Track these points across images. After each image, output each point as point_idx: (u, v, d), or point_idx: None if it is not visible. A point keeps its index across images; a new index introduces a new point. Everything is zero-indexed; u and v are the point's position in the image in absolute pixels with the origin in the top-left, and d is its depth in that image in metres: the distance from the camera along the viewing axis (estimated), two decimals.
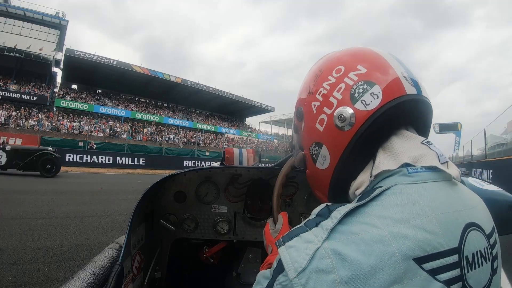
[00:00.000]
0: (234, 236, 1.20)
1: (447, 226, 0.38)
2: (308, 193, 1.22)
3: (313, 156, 0.52)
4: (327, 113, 0.48)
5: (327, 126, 0.48)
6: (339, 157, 0.47)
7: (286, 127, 42.59)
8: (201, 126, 32.24)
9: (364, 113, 0.44)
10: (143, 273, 1.00)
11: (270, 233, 0.72)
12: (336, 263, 0.34)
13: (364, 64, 0.47)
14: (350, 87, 0.46)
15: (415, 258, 0.35)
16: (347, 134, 0.45)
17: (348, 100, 0.46)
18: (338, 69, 0.49)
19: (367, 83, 0.45)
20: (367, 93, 0.45)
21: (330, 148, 0.48)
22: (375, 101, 0.44)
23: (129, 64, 26.84)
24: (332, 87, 0.48)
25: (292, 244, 0.39)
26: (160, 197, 1.15)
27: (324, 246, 0.36)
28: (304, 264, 0.36)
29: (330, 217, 0.39)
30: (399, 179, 0.42)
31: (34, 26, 23.39)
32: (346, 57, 0.50)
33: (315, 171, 0.53)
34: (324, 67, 0.52)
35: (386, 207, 0.38)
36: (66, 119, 22.51)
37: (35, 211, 4.50)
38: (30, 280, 2.25)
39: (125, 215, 4.54)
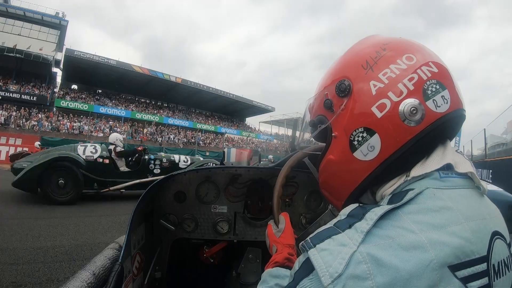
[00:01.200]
0: (234, 236, 1.20)
1: (478, 234, 0.37)
2: (308, 193, 1.22)
3: (354, 142, 0.45)
4: (393, 100, 0.42)
5: (389, 114, 0.42)
6: (393, 152, 0.42)
7: (286, 127, 42.55)
8: (201, 126, 32.23)
9: (434, 113, 0.42)
10: (143, 273, 1.00)
11: (274, 233, 0.73)
12: (373, 269, 0.33)
13: (435, 64, 0.44)
14: (423, 81, 0.42)
15: (450, 265, 0.34)
16: (411, 130, 0.41)
17: (420, 94, 0.42)
18: (409, 57, 0.44)
19: (440, 84, 0.43)
20: (439, 94, 0.42)
21: (384, 139, 0.43)
22: (445, 106, 0.42)
23: (129, 64, 26.84)
24: (403, 73, 0.43)
25: (324, 247, 0.36)
26: (160, 197, 1.15)
27: (360, 250, 0.34)
28: (340, 269, 0.33)
29: (365, 219, 0.37)
30: (431, 182, 0.41)
31: (34, 26, 23.37)
32: (415, 48, 0.46)
33: (348, 159, 0.46)
34: (389, 47, 0.46)
35: (421, 212, 0.37)
36: (66, 119, 22.51)
37: (35, 211, 4.50)
38: (30, 280, 2.25)
39: (125, 215, 4.53)
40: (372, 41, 0.50)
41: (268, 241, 0.73)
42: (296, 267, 0.40)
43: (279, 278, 0.56)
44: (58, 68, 26.43)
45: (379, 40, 0.49)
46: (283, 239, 0.70)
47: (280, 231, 0.72)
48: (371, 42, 0.50)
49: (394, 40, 0.48)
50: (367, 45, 0.49)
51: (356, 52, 0.50)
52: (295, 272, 0.39)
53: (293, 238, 0.72)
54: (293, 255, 0.66)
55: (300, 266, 0.39)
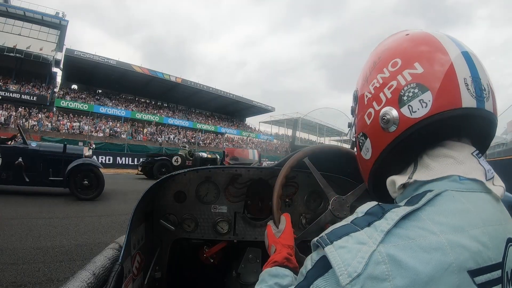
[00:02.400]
0: (234, 236, 1.20)
1: (494, 240, 0.36)
2: (308, 193, 1.22)
3: (360, 144, 0.53)
4: (375, 109, 0.46)
5: (373, 122, 0.47)
6: (379, 154, 0.47)
7: (286, 127, 42.55)
8: (201, 126, 32.22)
9: (407, 120, 0.42)
10: (143, 273, 1.00)
11: (273, 233, 0.72)
12: (392, 270, 0.32)
13: (423, 63, 0.42)
14: (401, 87, 0.43)
15: (469, 270, 0.33)
16: (389, 136, 0.44)
17: (395, 101, 0.43)
18: (395, 62, 0.45)
19: (420, 86, 0.41)
20: (416, 98, 0.41)
21: (372, 143, 0.48)
22: (422, 110, 0.41)
23: (129, 64, 26.84)
24: (385, 82, 0.45)
25: (342, 244, 0.35)
26: (160, 197, 1.15)
27: (379, 250, 0.33)
28: (359, 269, 0.32)
29: (385, 218, 0.36)
30: (450, 184, 0.40)
31: (34, 26, 23.37)
32: (406, 48, 0.46)
33: (360, 157, 0.55)
34: (384, 55, 0.48)
35: (442, 213, 0.36)
36: (66, 119, 22.51)
37: (35, 211, 4.50)
38: (30, 280, 2.25)
39: (125, 215, 4.53)
40: (381, 47, 0.52)
41: (267, 241, 0.73)
42: (308, 266, 0.38)
43: (279, 277, 0.56)
44: (58, 68, 26.46)
45: (382, 46, 0.51)
46: (282, 239, 0.70)
47: (280, 231, 0.72)
48: (379, 49, 0.52)
49: (394, 43, 0.49)
50: (375, 53, 0.52)
51: (367, 61, 0.54)
52: (307, 271, 0.38)
53: (292, 239, 0.71)
54: (292, 255, 0.66)
55: (314, 265, 0.37)
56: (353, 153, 0.97)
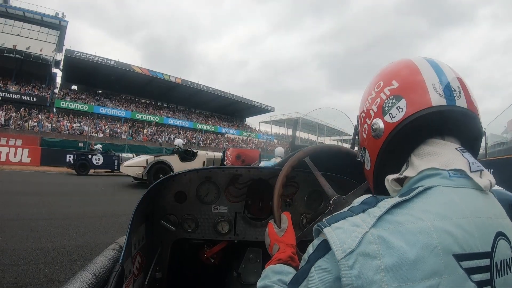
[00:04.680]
0: (234, 236, 1.20)
1: (482, 230, 0.39)
2: (308, 193, 1.22)
3: (362, 158, 0.60)
4: (368, 123, 0.55)
5: (367, 134, 0.55)
6: (375, 160, 0.54)
7: (286, 127, 42.52)
8: (201, 126, 32.20)
9: (389, 124, 0.50)
10: (143, 273, 1.00)
11: (275, 232, 0.73)
12: (382, 249, 0.36)
13: (398, 79, 0.52)
14: (383, 101, 0.52)
15: (455, 254, 0.36)
16: (379, 142, 0.52)
17: (380, 113, 0.52)
18: (379, 84, 0.55)
19: (396, 97, 0.50)
20: (394, 107, 0.50)
21: (369, 152, 0.56)
22: (399, 114, 0.49)
23: (129, 64, 26.82)
24: (372, 100, 0.55)
25: (339, 226, 0.40)
26: (160, 197, 1.14)
27: (371, 232, 0.37)
28: (353, 246, 0.37)
29: (378, 206, 0.41)
30: (441, 181, 0.44)
31: (33, 26, 23.35)
32: (387, 72, 0.55)
33: (365, 171, 0.61)
34: (372, 82, 0.58)
35: (429, 203, 0.41)
36: (66, 120, 22.51)
37: (36, 212, 4.50)
38: (31, 281, 2.25)
39: (126, 216, 4.53)
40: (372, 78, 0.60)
41: (269, 240, 0.73)
42: (310, 250, 0.43)
43: (282, 274, 0.58)
44: (58, 68, 26.43)
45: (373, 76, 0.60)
46: (285, 238, 0.71)
47: (283, 230, 0.73)
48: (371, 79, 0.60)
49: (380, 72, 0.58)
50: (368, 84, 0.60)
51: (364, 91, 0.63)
52: (309, 255, 0.42)
53: (294, 238, 0.72)
54: (295, 254, 0.67)
55: (315, 249, 0.42)
56: (354, 153, 0.98)
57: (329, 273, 0.38)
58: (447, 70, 0.50)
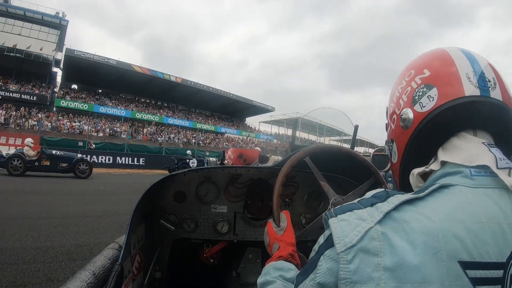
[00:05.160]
0: (234, 236, 1.20)
1: (499, 238, 0.36)
2: (308, 192, 1.22)
3: (389, 151, 0.57)
4: (396, 113, 0.52)
5: (396, 125, 0.53)
6: (402, 152, 0.51)
7: (286, 127, 42.53)
8: (201, 126, 32.19)
9: (419, 114, 0.47)
10: (143, 273, 1.00)
11: (275, 231, 0.73)
12: (384, 247, 0.35)
13: (430, 68, 0.49)
14: (413, 90, 0.49)
15: (461, 261, 0.34)
16: (407, 133, 0.49)
17: (410, 102, 0.49)
18: (410, 73, 0.52)
19: (427, 86, 0.47)
20: (425, 95, 0.47)
21: (397, 144, 0.53)
22: (430, 103, 0.46)
23: (129, 64, 26.82)
24: (402, 90, 0.52)
25: (344, 218, 0.39)
26: (160, 197, 1.14)
27: (376, 228, 0.36)
28: (354, 240, 0.36)
29: (387, 201, 0.39)
30: (461, 180, 0.41)
31: (34, 26, 23.34)
32: (418, 61, 0.53)
33: (391, 164, 0.58)
34: (403, 71, 0.56)
35: (442, 203, 0.38)
36: (66, 119, 22.50)
37: (35, 211, 4.50)
38: (30, 280, 2.25)
39: (125, 215, 4.53)
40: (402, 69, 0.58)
41: (268, 239, 0.73)
42: (321, 241, 0.42)
43: (283, 270, 0.58)
44: (58, 68, 26.43)
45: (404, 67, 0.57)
46: (285, 237, 0.71)
47: (282, 229, 0.73)
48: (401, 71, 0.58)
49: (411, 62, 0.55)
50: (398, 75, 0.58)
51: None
52: (319, 245, 0.41)
53: (294, 237, 0.72)
54: (295, 253, 0.68)
55: (325, 239, 0.41)
56: (354, 153, 0.98)
57: (337, 262, 0.37)
58: (481, 60, 0.47)
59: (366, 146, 47.23)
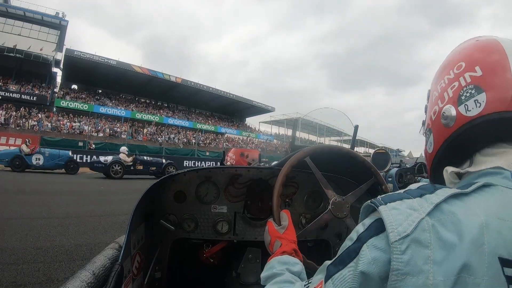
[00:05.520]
0: (234, 236, 1.20)
1: None
2: (308, 193, 1.22)
3: (426, 138, 0.56)
4: (439, 106, 0.50)
5: (436, 118, 0.51)
6: (438, 147, 0.51)
7: (286, 127, 42.52)
8: (201, 126, 32.20)
9: (462, 117, 0.45)
10: (143, 273, 1.00)
11: (276, 229, 0.74)
12: (434, 240, 0.34)
13: (483, 66, 0.45)
14: (461, 87, 0.47)
15: (501, 257, 0.34)
16: (447, 132, 0.48)
17: (455, 100, 0.47)
18: (460, 65, 0.49)
19: (476, 88, 0.45)
20: (472, 99, 0.45)
21: (435, 137, 0.52)
22: (475, 110, 0.44)
23: (129, 64, 26.83)
24: (449, 82, 0.49)
25: (396, 206, 0.38)
26: (160, 197, 1.14)
27: (426, 219, 0.35)
28: (409, 230, 0.35)
29: (435, 193, 0.39)
30: (502, 181, 0.41)
31: (34, 26, 23.36)
32: (471, 53, 0.49)
33: (425, 151, 0.57)
34: (453, 58, 0.52)
35: (488, 200, 0.38)
36: (66, 119, 22.51)
37: (35, 211, 4.50)
38: (30, 280, 2.25)
39: (125, 215, 4.53)
40: (451, 52, 0.55)
41: (269, 238, 0.73)
42: (360, 230, 0.40)
43: (289, 264, 0.59)
44: (58, 68, 26.46)
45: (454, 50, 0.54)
46: (287, 235, 0.71)
47: (284, 227, 0.73)
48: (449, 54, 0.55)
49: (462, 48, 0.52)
50: (447, 58, 0.55)
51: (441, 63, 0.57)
52: (359, 234, 0.40)
53: (295, 235, 0.73)
54: (298, 250, 0.68)
55: (367, 228, 0.39)
56: (354, 154, 0.98)
57: (384, 252, 0.36)
58: None
59: (366, 146, 47.23)
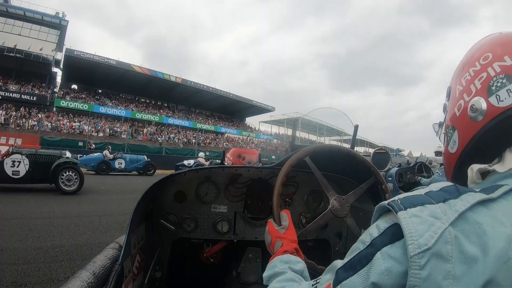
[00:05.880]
0: (234, 235, 1.20)
1: None
2: (308, 192, 1.22)
3: (447, 138, 0.52)
4: (465, 100, 0.47)
5: (462, 113, 0.47)
6: (466, 144, 0.46)
7: (286, 127, 42.52)
8: (201, 126, 32.19)
9: (494, 108, 0.42)
10: (143, 272, 1.00)
11: (277, 229, 0.73)
12: (455, 253, 0.31)
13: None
14: (490, 78, 0.44)
15: None
16: (476, 126, 0.44)
17: (485, 91, 0.44)
18: (486, 56, 0.46)
19: (508, 77, 0.42)
20: (504, 88, 0.41)
21: (460, 134, 0.48)
22: (509, 99, 0.41)
23: (129, 64, 26.81)
24: (476, 74, 0.46)
25: (416, 213, 0.34)
26: (160, 197, 1.15)
27: (449, 229, 0.32)
28: (430, 243, 0.32)
29: (460, 199, 0.35)
30: None
31: (34, 26, 23.34)
32: (498, 44, 0.47)
33: (446, 152, 0.53)
34: (477, 51, 0.49)
35: None
36: (66, 119, 22.51)
37: (36, 211, 4.50)
38: (31, 280, 2.25)
39: (125, 215, 4.54)
40: (473, 46, 0.52)
41: (270, 238, 0.73)
42: (374, 233, 0.37)
43: (291, 263, 0.59)
44: (58, 68, 26.41)
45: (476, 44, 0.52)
46: (288, 235, 0.71)
47: (285, 227, 0.73)
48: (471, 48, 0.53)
49: (487, 40, 0.50)
50: (470, 51, 0.52)
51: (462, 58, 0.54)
52: (373, 238, 0.37)
53: (296, 235, 0.73)
54: (299, 250, 0.68)
55: (382, 232, 0.36)
56: (354, 153, 0.98)
57: (399, 263, 0.33)
58: None
59: (366, 146, 47.22)
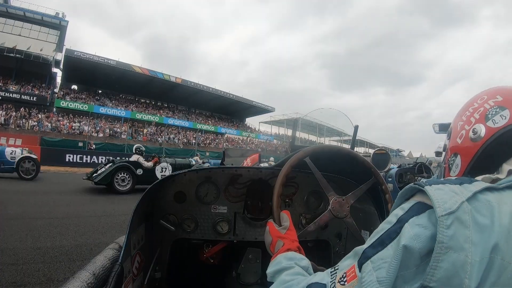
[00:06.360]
0: (234, 236, 1.20)
1: None
2: (308, 193, 1.22)
3: (450, 165, 0.62)
4: (466, 129, 0.59)
5: (464, 139, 0.58)
6: (468, 162, 0.57)
7: (286, 127, 42.52)
8: (201, 126, 32.19)
9: (491, 129, 0.54)
10: (143, 273, 1.00)
11: (277, 230, 0.74)
12: (472, 223, 0.37)
13: (502, 94, 0.57)
14: (487, 110, 0.56)
15: None
16: (477, 145, 0.55)
17: (483, 119, 0.56)
18: (482, 97, 0.60)
19: (500, 107, 0.55)
20: (498, 114, 0.54)
21: (462, 157, 0.58)
22: (502, 121, 0.53)
23: (129, 64, 26.82)
24: (475, 110, 0.59)
25: (440, 187, 0.42)
26: (160, 197, 1.14)
27: (466, 204, 0.39)
28: (454, 208, 0.38)
29: (473, 184, 0.42)
30: None
31: (34, 26, 23.35)
32: (492, 89, 0.61)
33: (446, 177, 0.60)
34: (474, 97, 0.63)
35: None
36: (66, 119, 22.51)
37: (35, 211, 4.50)
38: (30, 281, 2.25)
39: (125, 215, 4.53)
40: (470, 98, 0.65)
41: (270, 238, 0.73)
42: (400, 213, 0.43)
43: (296, 259, 0.60)
44: (58, 68, 26.42)
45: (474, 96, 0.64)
46: (289, 235, 0.72)
47: (285, 228, 0.74)
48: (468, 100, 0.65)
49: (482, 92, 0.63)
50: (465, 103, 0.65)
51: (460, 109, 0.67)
52: (399, 217, 0.43)
53: (296, 236, 0.73)
54: (301, 248, 0.69)
55: (407, 210, 0.43)
56: (354, 154, 0.98)
57: (425, 228, 0.39)
58: None
59: (366, 146, 47.23)
